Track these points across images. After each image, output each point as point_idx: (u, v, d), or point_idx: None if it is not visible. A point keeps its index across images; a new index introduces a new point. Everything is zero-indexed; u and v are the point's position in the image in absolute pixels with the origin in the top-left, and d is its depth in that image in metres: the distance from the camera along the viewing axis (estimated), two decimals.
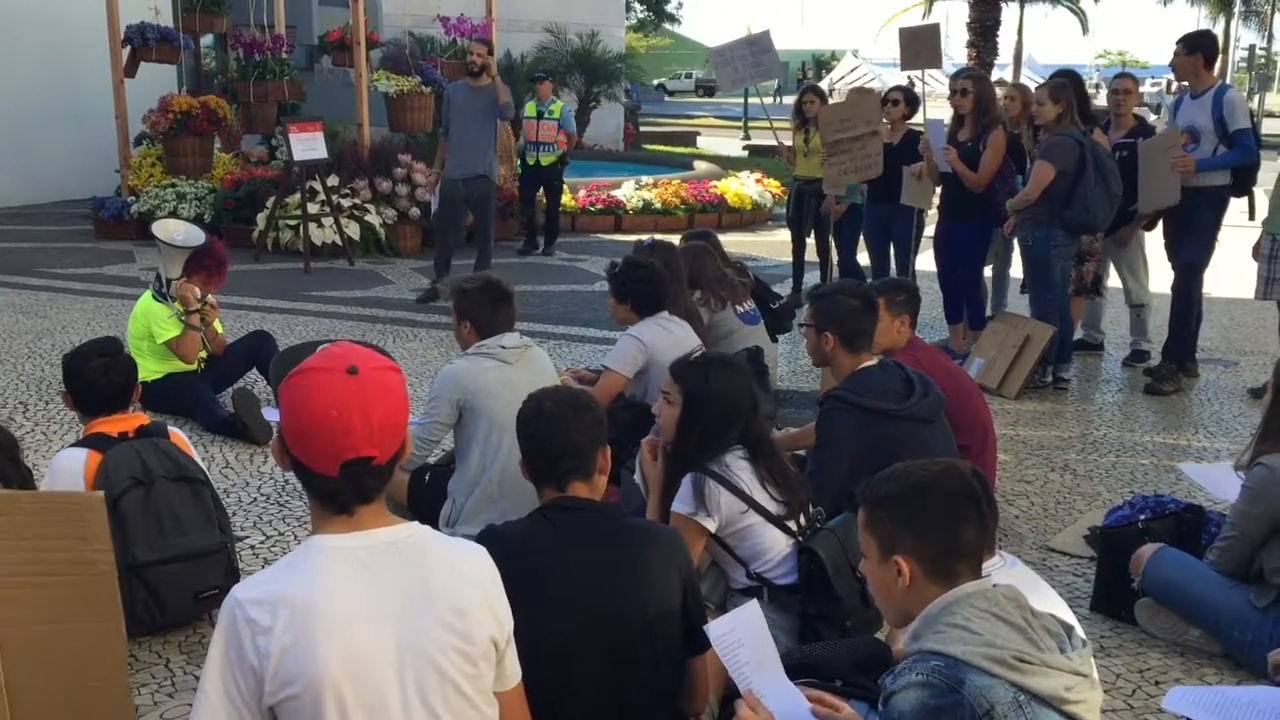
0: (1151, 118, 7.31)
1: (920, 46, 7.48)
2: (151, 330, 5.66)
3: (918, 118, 7.61)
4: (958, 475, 2.08)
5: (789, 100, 12.65)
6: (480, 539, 2.49)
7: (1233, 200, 6.45)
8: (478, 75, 8.47)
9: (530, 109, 11.11)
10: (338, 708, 1.77)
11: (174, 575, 3.46)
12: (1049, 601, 2.39)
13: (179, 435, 3.74)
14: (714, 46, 8.74)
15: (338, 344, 1.93)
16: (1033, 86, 7.21)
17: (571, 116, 11.91)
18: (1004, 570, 2.44)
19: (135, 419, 3.64)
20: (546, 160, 11.08)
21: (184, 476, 3.57)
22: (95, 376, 3.58)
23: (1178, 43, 6.39)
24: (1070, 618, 2.23)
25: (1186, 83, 6.50)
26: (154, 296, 5.77)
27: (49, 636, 2.67)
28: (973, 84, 6.75)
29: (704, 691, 2.64)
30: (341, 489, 1.83)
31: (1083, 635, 2.05)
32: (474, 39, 9.50)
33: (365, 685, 1.78)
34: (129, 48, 11.68)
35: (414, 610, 1.84)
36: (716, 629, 2.44)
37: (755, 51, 8.19)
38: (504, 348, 4.00)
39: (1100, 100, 13.26)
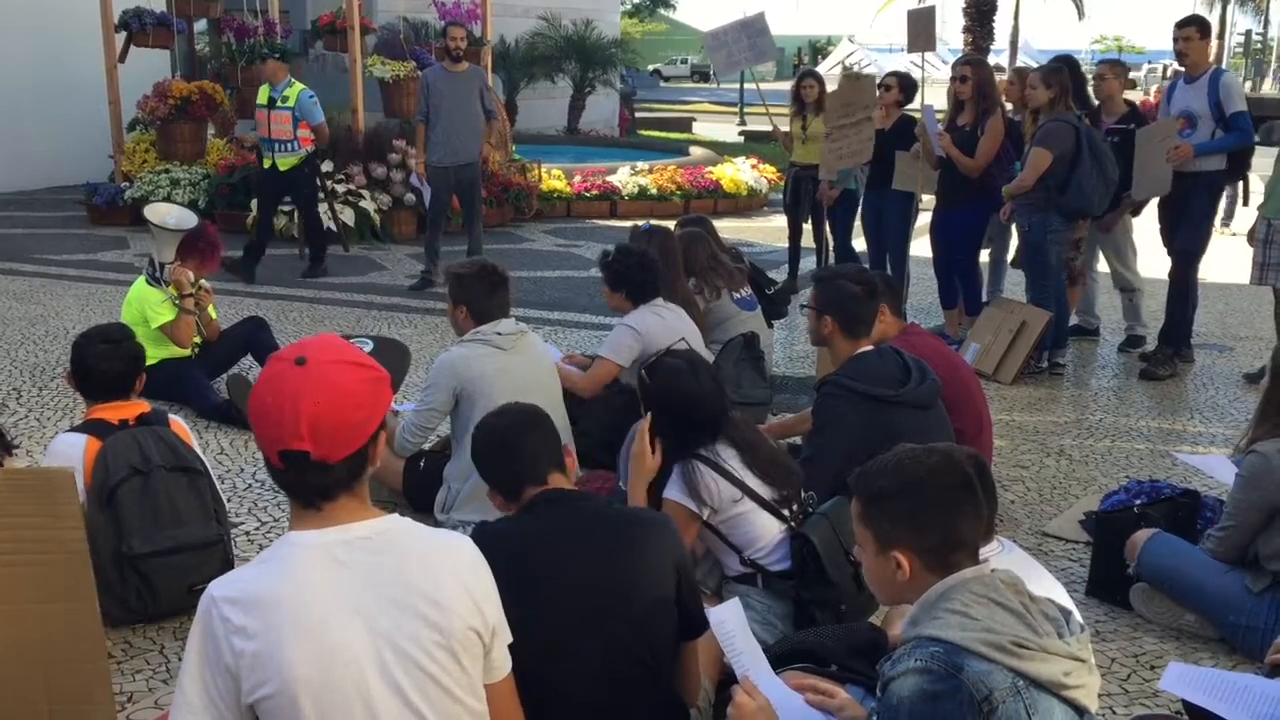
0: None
1: (920, 30, 7.47)
2: (145, 315, 5.63)
3: (916, 102, 7.58)
4: (953, 465, 2.03)
5: (778, 86, 12.53)
6: (472, 538, 2.49)
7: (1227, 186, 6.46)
8: (458, 60, 8.40)
9: (262, 95, 8.63)
10: (315, 708, 1.74)
11: (169, 567, 3.46)
12: (1046, 586, 2.39)
13: (179, 424, 3.72)
14: (707, 30, 8.69)
15: (321, 336, 1.91)
16: None
17: (314, 104, 8.53)
18: (1000, 555, 2.44)
19: (136, 407, 3.62)
20: (285, 163, 8.53)
21: (183, 466, 3.55)
22: (96, 362, 3.57)
23: (1188, 26, 6.33)
24: (1068, 602, 2.22)
25: (1184, 67, 6.46)
26: (147, 281, 5.75)
27: (22, 617, 2.62)
28: (971, 70, 6.74)
29: (697, 678, 2.64)
30: (289, 481, 1.81)
31: (1080, 620, 2.04)
32: (449, 23, 9.37)
33: (341, 685, 1.76)
34: (124, 32, 11.62)
35: (391, 606, 1.81)
36: (716, 615, 2.45)
37: (750, 34, 8.14)
38: (499, 334, 3.99)
39: None
